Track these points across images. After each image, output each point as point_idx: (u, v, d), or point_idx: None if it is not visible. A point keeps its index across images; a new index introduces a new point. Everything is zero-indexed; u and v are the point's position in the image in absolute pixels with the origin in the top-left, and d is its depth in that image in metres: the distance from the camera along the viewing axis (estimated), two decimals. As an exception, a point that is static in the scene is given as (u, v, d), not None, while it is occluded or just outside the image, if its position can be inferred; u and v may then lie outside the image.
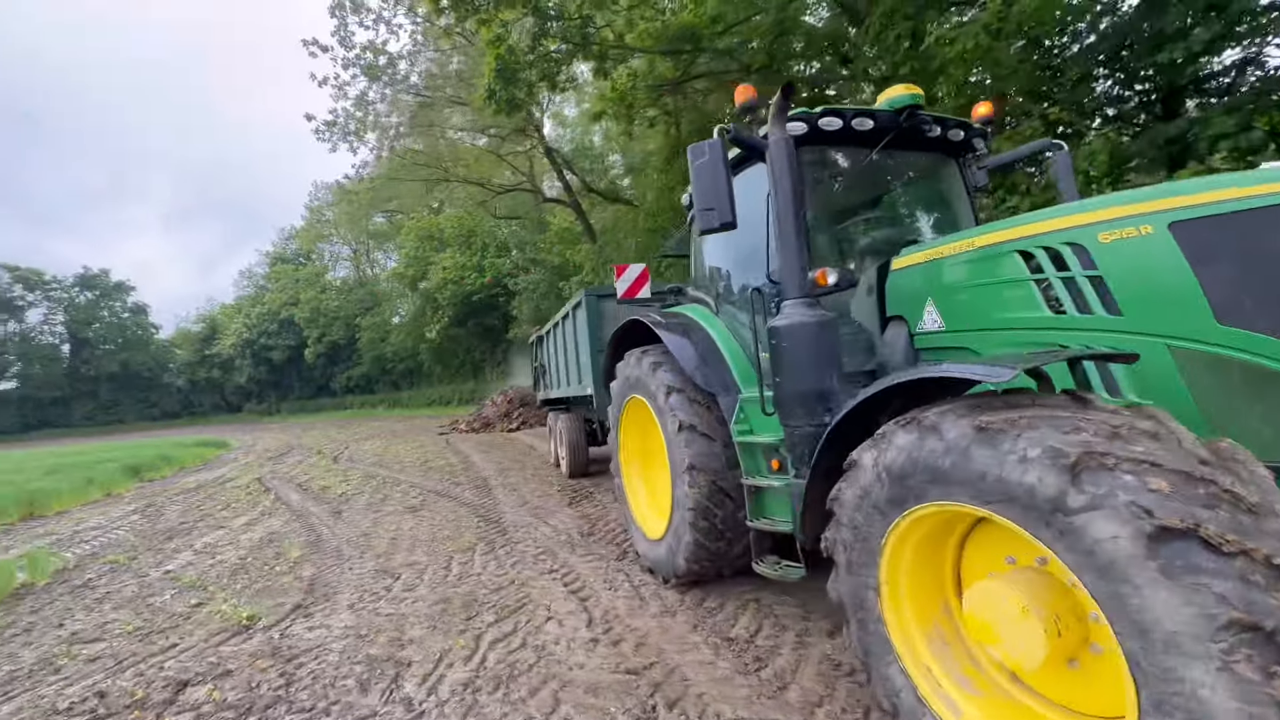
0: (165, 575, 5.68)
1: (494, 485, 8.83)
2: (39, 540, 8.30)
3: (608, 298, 6.57)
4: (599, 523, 6.04)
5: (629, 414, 4.63)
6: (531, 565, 4.82)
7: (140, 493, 12.58)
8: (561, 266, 26.36)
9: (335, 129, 16.65)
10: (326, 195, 53.54)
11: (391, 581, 4.72)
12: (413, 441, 18.48)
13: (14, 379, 62.78)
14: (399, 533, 6.40)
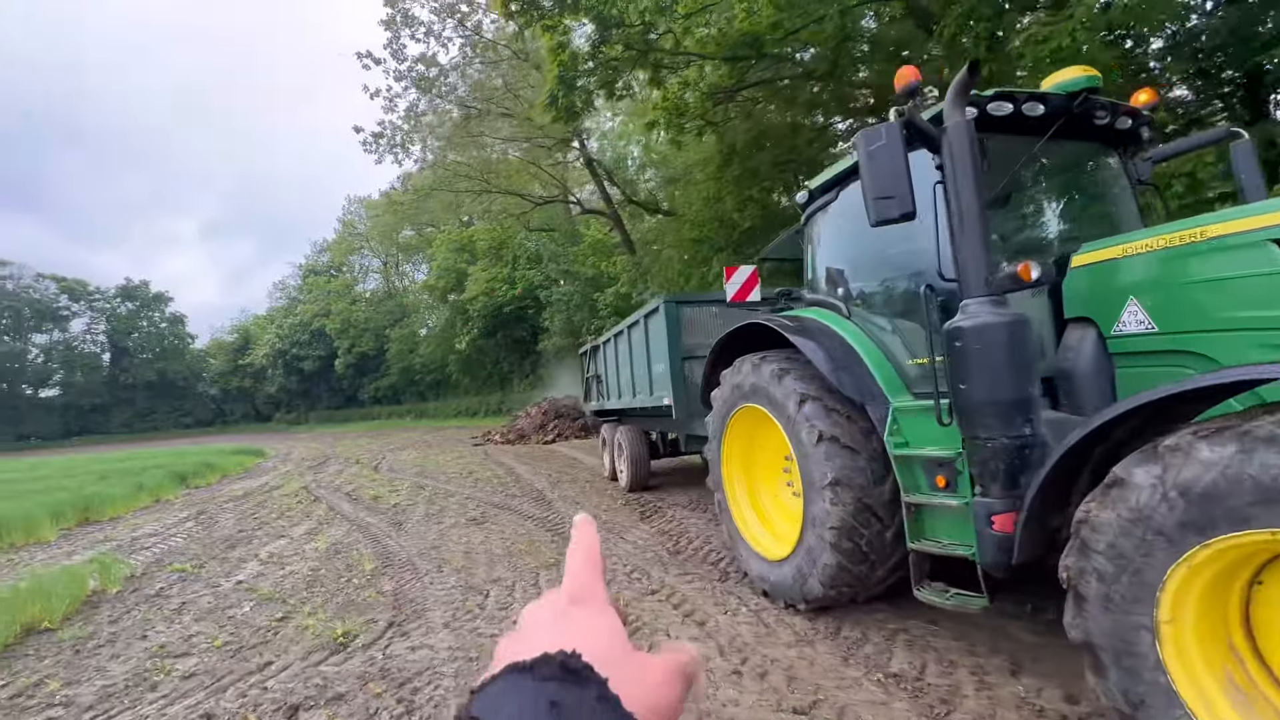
0: (238, 585, 5.52)
1: (551, 498, 8.58)
2: (100, 546, 8.27)
3: (687, 304, 6.33)
4: (681, 539, 5.75)
5: (735, 425, 4.36)
6: (629, 584, 4.54)
7: (189, 499, 12.61)
8: (595, 278, 26.33)
9: (383, 141, 16.91)
10: (359, 209, 54.73)
11: (482, 599, 4.47)
12: (449, 452, 18.39)
13: (57, 386, 64.76)
14: (470, 546, 6.18)
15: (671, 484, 8.89)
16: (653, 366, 6.92)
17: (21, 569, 7.26)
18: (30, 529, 9.09)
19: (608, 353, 9.41)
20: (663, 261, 18.58)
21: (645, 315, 6.94)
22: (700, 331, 6.34)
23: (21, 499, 11.35)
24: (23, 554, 8.23)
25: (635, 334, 7.56)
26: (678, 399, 6.12)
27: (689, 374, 6.24)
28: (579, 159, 18.37)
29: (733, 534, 4.40)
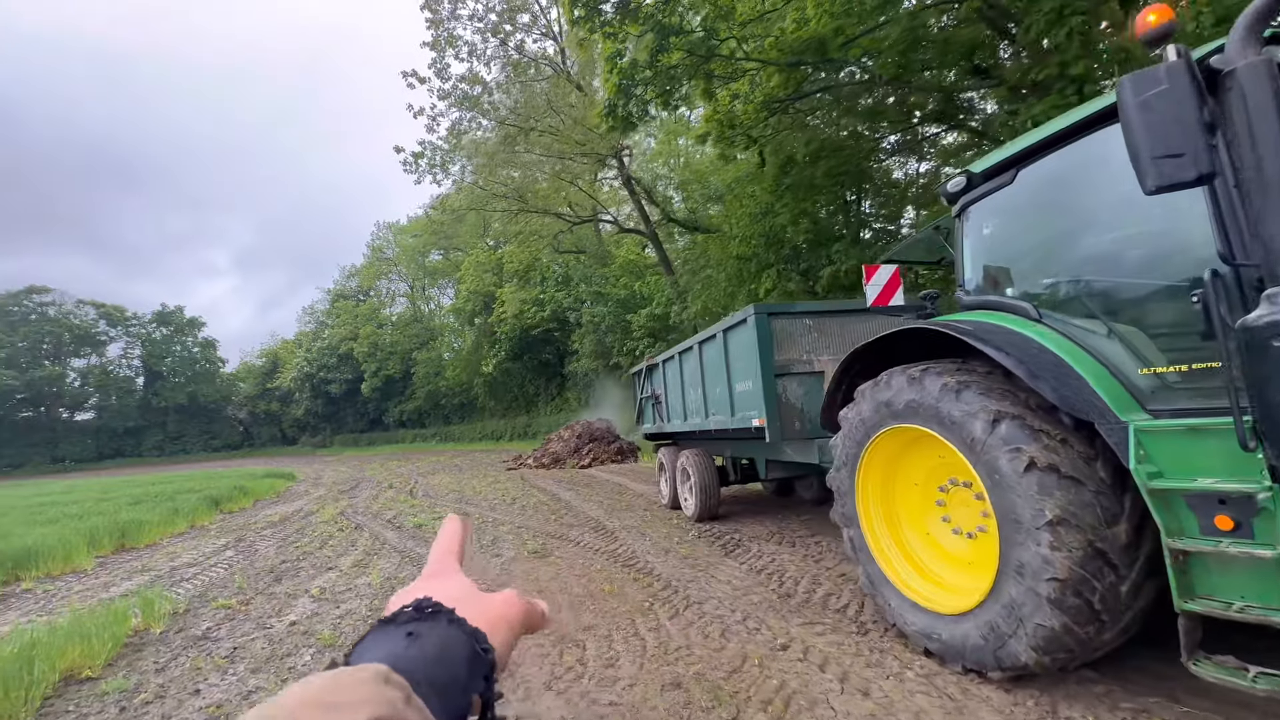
0: (293, 628, 4.97)
1: (613, 528, 7.95)
2: (138, 576, 7.83)
3: (780, 315, 5.76)
4: (784, 580, 5.08)
5: (876, 450, 3.74)
6: (747, 636, 3.89)
7: (225, 525, 12.22)
8: (627, 299, 25.96)
9: (422, 160, 16.85)
10: (388, 234, 55.64)
11: (580, 652, 3.85)
12: (483, 477, 17.87)
13: (92, 410, 66.12)
14: (541, 584, 5.58)
15: (741, 513, 8.22)
16: (735, 384, 6.33)
17: (58, 602, 6.82)
18: (67, 556, 8.71)
19: (668, 372, 8.85)
20: (703, 280, 18.12)
21: (726, 329, 6.38)
22: (793, 345, 5.76)
23: (57, 524, 11.06)
24: (60, 584, 7.83)
25: (710, 350, 6.99)
26: (772, 419, 5.51)
27: (782, 392, 5.64)
28: (617, 177, 18.10)
29: (874, 578, 3.74)
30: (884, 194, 14.49)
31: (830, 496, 8.27)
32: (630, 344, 24.37)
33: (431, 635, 0.43)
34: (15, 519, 12.34)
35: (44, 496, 18.72)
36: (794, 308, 5.86)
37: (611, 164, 17.24)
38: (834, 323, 5.91)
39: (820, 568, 5.33)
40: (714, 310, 17.28)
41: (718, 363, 6.74)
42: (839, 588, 4.70)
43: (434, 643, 0.43)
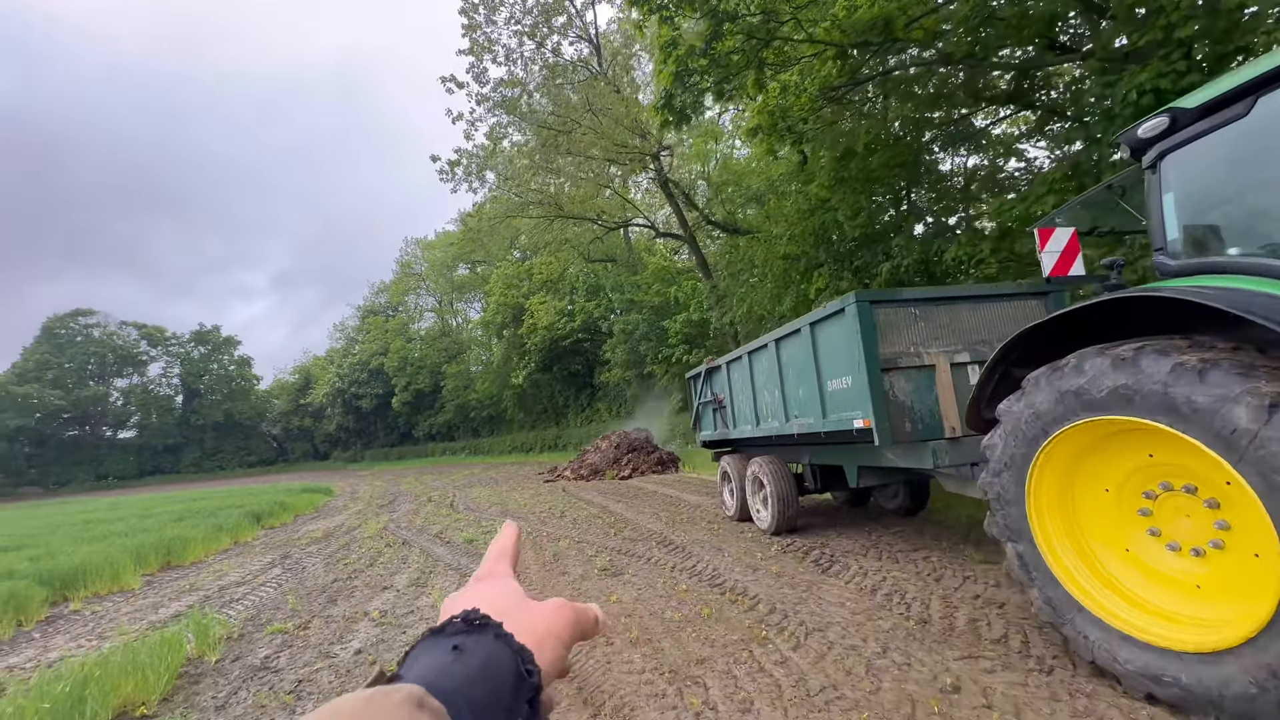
0: (359, 658, 4.50)
1: (682, 543, 7.37)
2: (187, 596, 7.50)
3: (883, 303, 5.17)
4: (908, 602, 4.44)
5: (1055, 450, 3.12)
6: (899, 673, 3.27)
7: (268, 541, 11.96)
8: (661, 306, 25.48)
9: (459, 168, 16.68)
10: (416, 249, 56.26)
11: (703, 692, 3.28)
12: (523, 489, 17.43)
13: (134, 428, 67.88)
14: (626, 606, 5.02)
15: (818, 526, 7.57)
16: (826, 383, 5.73)
17: (107, 624, 6.50)
18: (114, 575, 8.46)
19: (734, 374, 8.27)
20: (745, 283, 17.53)
21: (814, 322, 5.80)
22: (899, 337, 5.16)
23: (104, 542, 10.91)
24: (108, 604, 7.54)
25: (792, 347, 6.40)
26: (881, 419, 4.90)
27: (889, 389, 5.03)
28: (654, 180, 17.71)
29: (1058, 604, 3.11)
30: (936, 187, 13.77)
31: (920, 506, 7.65)
32: (666, 351, 23.85)
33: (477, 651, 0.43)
34: (63, 537, 12.26)
35: (89, 514, 18.85)
36: (899, 295, 5.26)
37: (648, 167, 16.84)
38: (942, 311, 5.30)
39: (944, 588, 4.67)
40: (757, 313, 16.68)
41: (803, 360, 6.16)
42: (982, 613, 4.05)
43: (478, 659, 0.42)
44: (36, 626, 6.68)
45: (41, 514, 22.25)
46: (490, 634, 0.44)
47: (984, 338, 5.31)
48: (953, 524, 6.91)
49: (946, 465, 4.89)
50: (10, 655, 5.64)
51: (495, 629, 0.45)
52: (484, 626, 0.45)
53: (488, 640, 0.44)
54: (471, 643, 0.43)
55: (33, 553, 9.95)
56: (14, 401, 57.31)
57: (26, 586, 7.17)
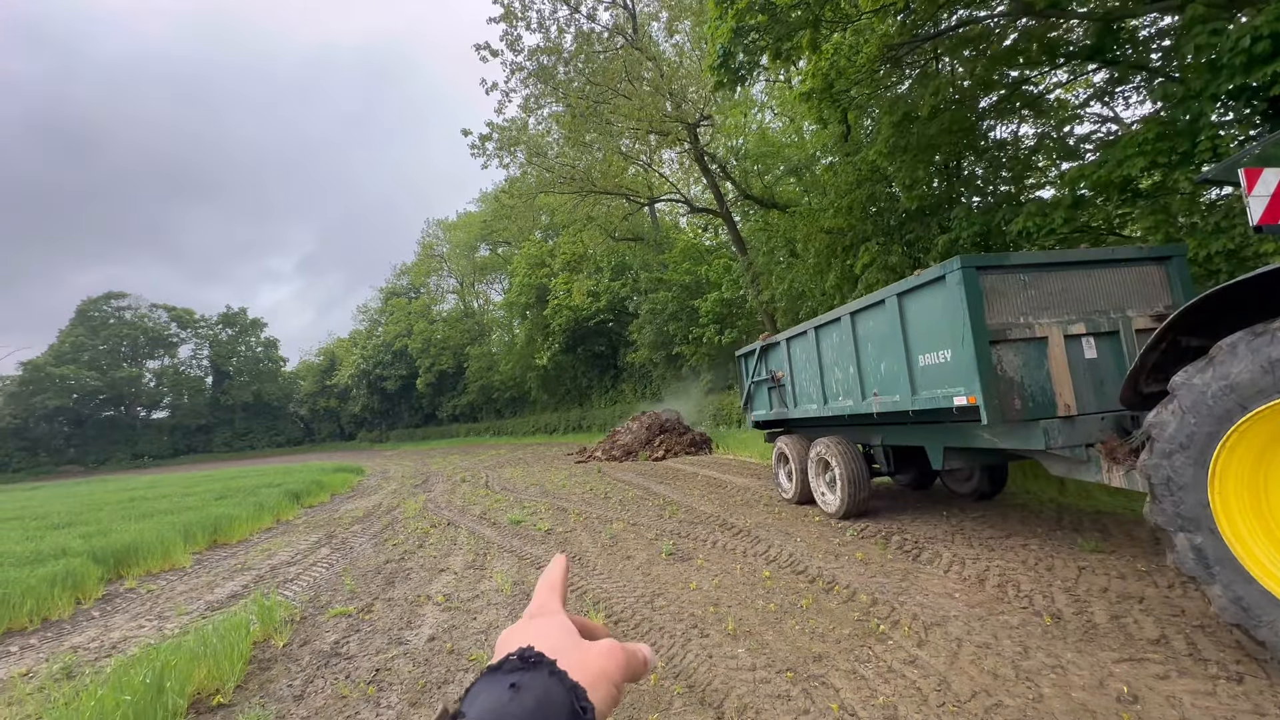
0: (434, 645, 4.27)
1: (745, 526, 7.05)
2: (239, 576, 7.41)
3: (990, 270, 4.71)
4: (1026, 595, 4.07)
5: (1251, 429, 2.70)
6: (1055, 677, 2.92)
7: (310, 520, 11.94)
8: (690, 286, 24.95)
9: (490, 143, 16.26)
10: (438, 231, 56.12)
11: (833, 694, 2.96)
12: (556, 470, 17.28)
13: (167, 409, 69.49)
14: (708, 594, 4.72)
15: (886, 510, 7.19)
16: (917, 357, 5.31)
17: (164, 603, 6.41)
18: (165, 553, 8.42)
19: (796, 350, 7.86)
20: (783, 258, 16.96)
21: (903, 292, 5.36)
22: (1006, 306, 4.70)
23: (151, 520, 10.94)
24: (161, 582, 7.49)
25: (872, 319, 5.97)
26: (988, 397, 4.49)
27: (997, 363, 4.60)
28: (689, 153, 17.09)
29: (1251, 605, 2.71)
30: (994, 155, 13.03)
31: (997, 490, 7.22)
32: (696, 331, 23.41)
33: (532, 688, 0.44)
34: (110, 514, 12.38)
35: (131, 492, 19.17)
36: (1007, 259, 4.79)
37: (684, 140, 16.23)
38: (1054, 278, 4.82)
39: (1061, 580, 4.28)
40: (796, 290, 16.14)
41: (886, 333, 5.73)
42: (1122, 609, 3.66)
43: (534, 697, 0.43)
44: (95, 605, 6.62)
45: (84, 492, 22.76)
46: (545, 671, 0.45)
47: (1100, 307, 4.84)
48: (1039, 509, 6.49)
49: (1059, 446, 4.47)
50: (73, 635, 5.55)
51: (550, 666, 0.46)
52: (539, 664, 0.46)
53: (542, 677, 0.45)
54: (528, 680, 0.44)
55: (84, 530, 10.00)
56: (53, 382, 58.90)
57: (82, 564, 7.13)
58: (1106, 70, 9.79)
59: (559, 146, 16.87)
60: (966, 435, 5.22)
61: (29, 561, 7.52)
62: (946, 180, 13.20)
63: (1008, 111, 12.38)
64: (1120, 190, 8.56)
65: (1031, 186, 12.83)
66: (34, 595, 6.03)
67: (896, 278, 10.45)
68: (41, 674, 4.38)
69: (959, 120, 10.95)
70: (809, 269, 14.78)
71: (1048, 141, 11.73)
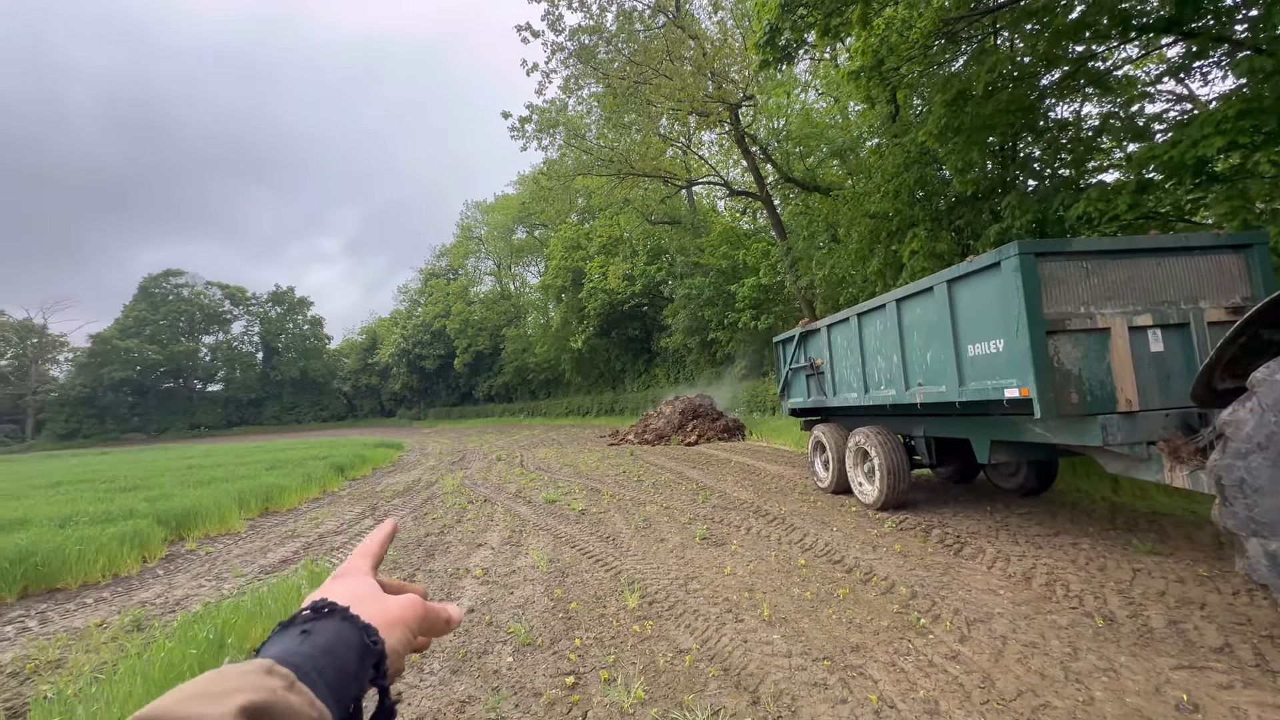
0: (472, 616, 4.40)
1: (780, 514, 7.00)
2: (290, 542, 7.77)
3: (1050, 257, 4.48)
4: (1076, 594, 3.92)
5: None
6: (1107, 680, 2.81)
7: (353, 492, 12.41)
8: (727, 270, 24.66)
9: (530, 125, 16.30)
10: (476, 213, 56.84)
11: (871, 685, 2.93)
12: (589, 451, 17.47)
13: (221, 382, 72.95)
14: (743, 580, 4.72)
15: (926, 503, 7.03)
16: (966, 347, 5.13)
17: (221, 565, 6.78)
18: (222, 518, 8.89)
19: (837, 337, 7.69)
20: (824, 243, 16.57)
21: (953, 279, 5.17)
22: (1066, 295, 4.48)
23: (209, 486, 11.54)
24: (218, 545, 7.91)
25: (919, 307, 5.78)
26: (1042, 390, 4.30)
27: (1054, 354, 4.40)
28: (731, 133, 16.76)
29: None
30: (1052, 137, 12.36)
31: (1044, 486, 6.97)
32: (732, 316, 23.18)
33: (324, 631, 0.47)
34: (171, 480, 13.10)
35: (190, 460, 20.25)
36: (1069, 245, 4.55)
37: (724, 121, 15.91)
38: (1119, 266, 4.56)
39: (1115, 581, 4.12)
40: (838, 275, 15.77)
41: (934, 322, 5.54)
42: (1181, 614, 3.49)
43: (325, 637, 0.47)
44: (159, 563, 7.05)
45: (148, 458, 24.17)
46: (337, 617, 0.49)
47: (1169, 298, 4.56)
48: (1090, 507, 6.23)
49: (1118, 443, 4.27)
50: (140, 590, 5.92)
51: (342, 612, 0.49)
52: (331, 612, 0.49)
53: (334, 622, 0.48)
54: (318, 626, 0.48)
55: (148, 494, 10.62)
56: (118, 354, 62.46)
57: (148, 525, 7.58)
58: (1183, 43, 9.11)
59: (598, 128, 16.79)
60: (1016, 429, 5.03)
61: (101, 521, 8.04)
62: (1001, 163, 12.63)
63: (1071, 89, 11.72)
64: (1194, 173, 8.03)
65: (1093, 170, 12.17)
66: (106, 552, 6.46)
67: (944, 265, 10.11)
68: (114, 625, 4.70)
69: (1017, 99, 10.42)
70: (851, 254, 14.40)
71: (1114, 121, 11.06)
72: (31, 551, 6.05)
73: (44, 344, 65.27)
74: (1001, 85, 9.99)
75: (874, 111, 13.46)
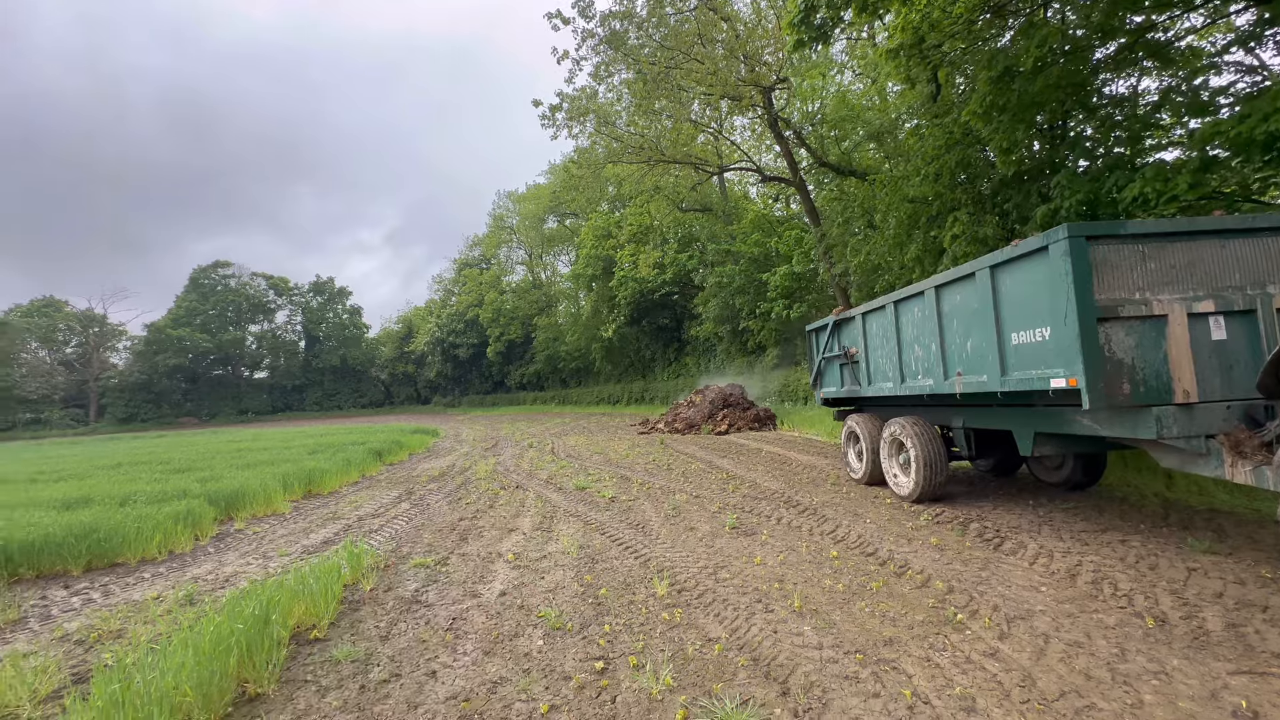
0: (504, 600, 4.47)
1: (811, 505, 6.91)
2: (330, 524, 8.04)
3: (1103, 240, 4.25)
4: (1124, 594, 3.76)
5: None
6: (1157, 683, 2.69)
7: (391, 476, 12.76)
8: (759, 258, 24.32)
9: (560, 113, 16.32)
10: (508, 203, 57.33)
11: (905, 680, 2.87)
12: (620, 440, 17.56)
13: (266, 369, 75.86)
14: (773, 570, 4.68)
15: (964, 495, 6.83)
16: (1009, 335, 4.93)
17: (267, 544, 7.07)
18: (267, 500, 9.25)
19: (872, 325, 7.51)
20: (859, 229, 16.16)
21: (996, 264, 4.96)
22: (1119, 280, 4.25)
23: (255, 469, 12.02)
24: (264, 525, 8.24)
25: (959, 293, 5.58)
26: (1091, 380, 4.11)
27: (1105, 342, 4.19)
28: (763, 118, 16.43)
29: None
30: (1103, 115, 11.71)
31: (1091, 481, 6.69)
32: (764, 305, 22.88)
33: None
34: (221, 463, 13.70)
35: (238, 443, 21.15)
36: (1123, 228, 4.31)
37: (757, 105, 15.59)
38: (1179, 249, 4.30)
39: (1168, 581, 3.93)
40: (873, 262, 15.37)
41: (976, 309, 5.34)
42: (1240, 617, 3.31)
43: None
44: (210, 542, 7.39)
45: (200, 441, 25.35)
46: None
47: (1234, 283, 4.29)
48: (1141, 503, 5.96)
49: (1174, 436, 4.06)
50: (192, 567, 6.22)
51: None
52: None
53: None
54: None
55: (200, 475, 11.14)
56: (171, 343, 65.54)
57: (199, 505, 7.94)
58: (1255, 9, 8.50)
59: (628, 115, 16.68)
60: (1062, 420, 4.83)
61: (157, 500, 8.47)
62: (1050, 143, 12.07)
63: (1127, 63, 11.08)
64: (1264, 150, 7.52)
65: (1151, 148, 11.51)
66: (162, 530, 6.80)
67: (988, 250, 9.74)
68: (169, 599, 4.95)
69: (1068, 75, 9.91)
70: (888, 240, 14.00)
71: (1175, 95, 10.42)
72: (95, 528, 6.41)
73: (104, 333, 68.92)
74: (1052, 60, 9.50)
75: (914, 92, 12.99)
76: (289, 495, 10.21)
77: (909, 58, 10.15)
